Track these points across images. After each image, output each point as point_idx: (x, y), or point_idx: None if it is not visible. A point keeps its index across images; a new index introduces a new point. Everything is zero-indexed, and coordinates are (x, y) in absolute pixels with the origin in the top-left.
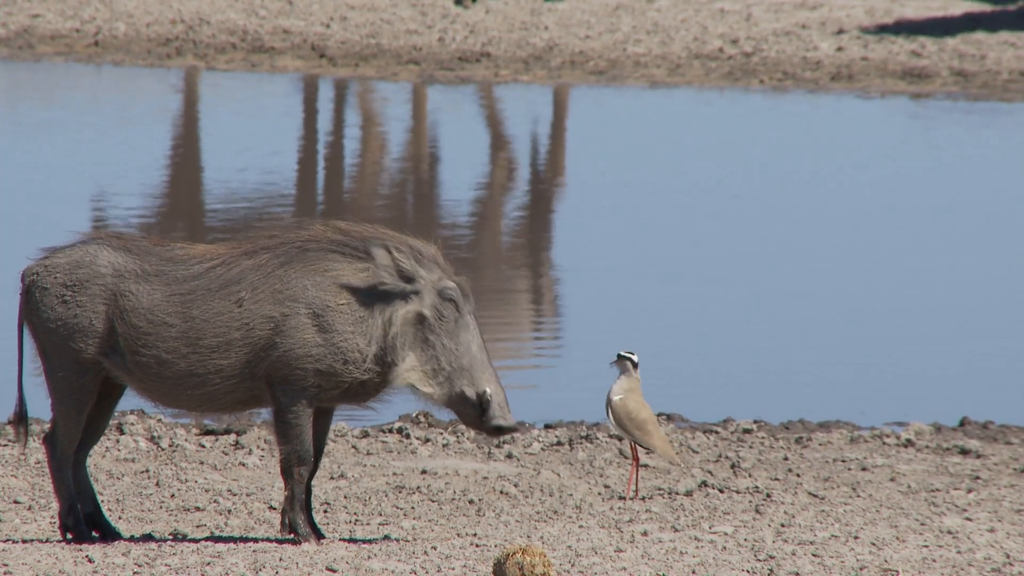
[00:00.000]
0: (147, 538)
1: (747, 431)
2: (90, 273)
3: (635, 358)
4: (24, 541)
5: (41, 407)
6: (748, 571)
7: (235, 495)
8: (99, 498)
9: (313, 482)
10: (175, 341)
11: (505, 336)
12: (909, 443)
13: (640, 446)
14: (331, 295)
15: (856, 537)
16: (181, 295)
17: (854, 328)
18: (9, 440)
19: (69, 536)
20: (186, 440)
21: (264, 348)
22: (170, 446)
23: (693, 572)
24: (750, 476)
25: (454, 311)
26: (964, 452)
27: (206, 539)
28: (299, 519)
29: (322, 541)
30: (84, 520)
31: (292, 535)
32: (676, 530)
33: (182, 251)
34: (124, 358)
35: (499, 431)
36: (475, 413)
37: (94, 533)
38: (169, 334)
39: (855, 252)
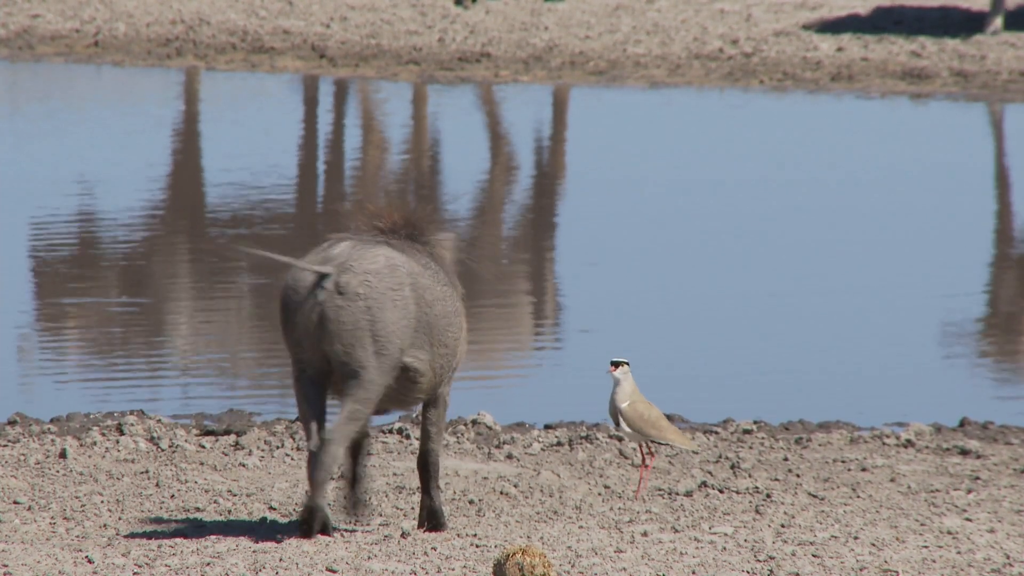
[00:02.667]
0: (147, 538)
1: (747, 431)
2: (404, 273)
3: (627, 363)
4: (24, 541)
5: (40, 407)
6: (748, 572)
7: (235, 495)
8: (99, 499)
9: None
10: (459, 330)
11: (505, 336)
12: (909, 443)
13: (659, 444)
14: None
15: (856, 538)
16: (443, 286)
17: (854, 328)
18: (9, 440)
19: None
20: (186, 441)
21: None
22: (170, 447)
23: (693, 573)
24: (750, 476)
25: None
26: (964, 452)
27: (206, 539)
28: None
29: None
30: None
31: (435, 527)
32: (676, 531)
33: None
34: (425, 351)
35: None
36: None
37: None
38: (456, 322)
39: (856, 252)
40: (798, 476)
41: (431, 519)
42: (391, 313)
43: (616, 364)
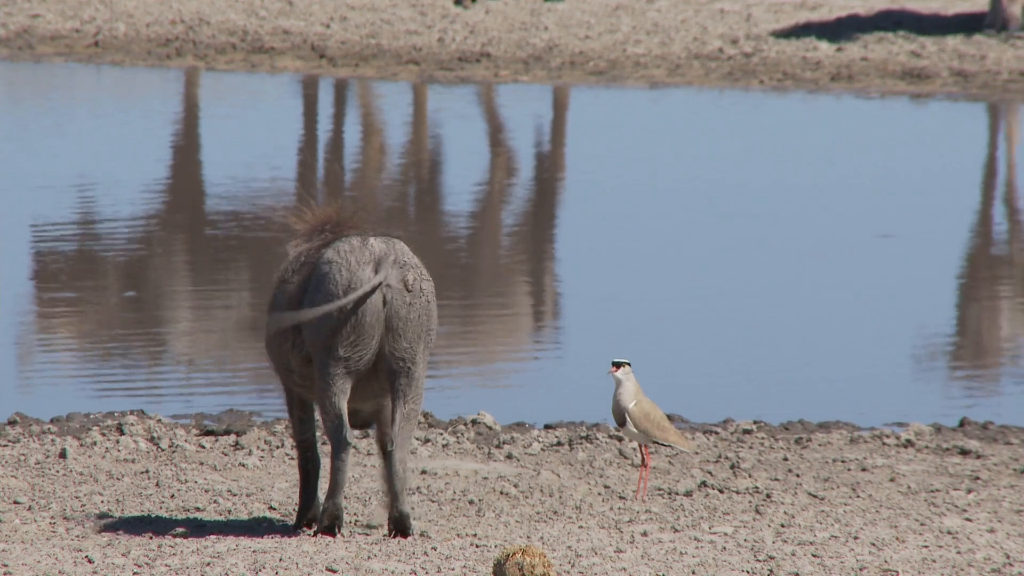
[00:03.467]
0: (147, 538)
1: (747, 431)
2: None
3: (629, 363)
4: (24, 541)
5: (40, 407)
6: (748, 571)
7: (235, 495)
8: (99, 499)
9: None
10: None
11: (505, 336)
12: (909, 443)
13: (661, 445)
14: None
15: (856, 537)
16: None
17: (854, 328)
18: (9, 440)
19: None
20: (186, 441)
21: None
22: (170, 447)
23: (693, 572)
24: (750, 476)
25: None
26: (964, 452)
27: (206, 539)
28: None
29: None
30: None
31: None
32: (676, 530)
33: None
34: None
35: None
36: None
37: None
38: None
39: (856, 251)
40: (798, 476)
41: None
42: (435, 306)
43: (617, 365)
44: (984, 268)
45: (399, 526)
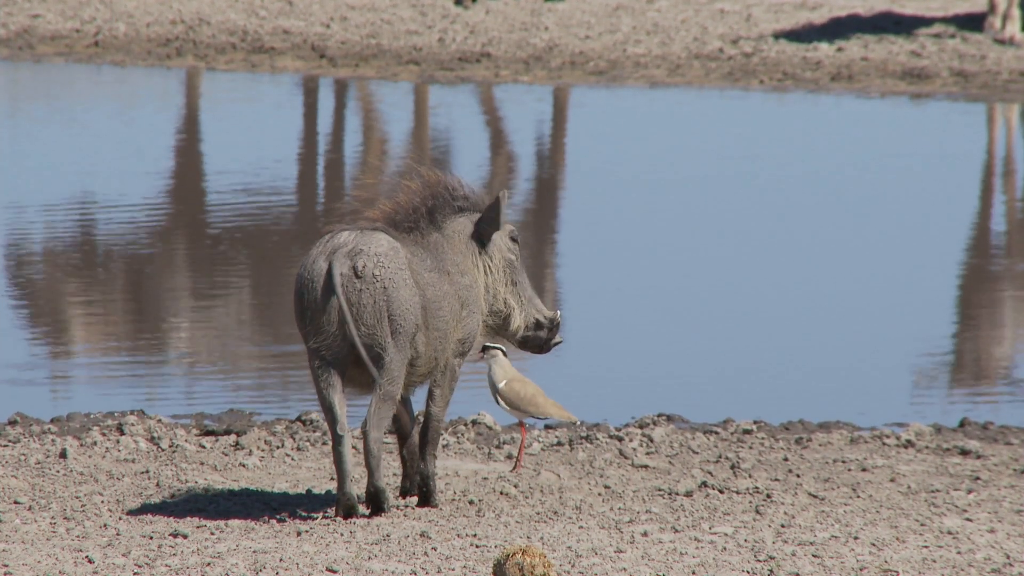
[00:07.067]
0: (147, 538)
1: (747, 431)
2: (403, 256)
3: (503, 348)
4: (24, 541)
5: (40, 407)
6: (748, 572)
7: (235, 495)
8: (99, 499)
9: (314, 484)
10: (450, 313)
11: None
12: (909, 444)
13: (538, 418)
14: None
15: (856, 538)
16: (430, 272)
17: (854, 328)
18: (9, 440)
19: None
20: (186, 441)
21: None
22: (170, 447)
23: (693, 573)
24: (750, 477)
25: None
26: (964, 453)
27: (206, 539)
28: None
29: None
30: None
31: (425, 495)
32: (676, 531)
33: None
34: (421, 335)
35: None
36: None
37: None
38: (447, 306)
39: (856, 252)
40: (798, 476)
41: (421, 485)
42: (404, 291)
43: (486, 349)
44: (984, 268)
45: (373, 501)
